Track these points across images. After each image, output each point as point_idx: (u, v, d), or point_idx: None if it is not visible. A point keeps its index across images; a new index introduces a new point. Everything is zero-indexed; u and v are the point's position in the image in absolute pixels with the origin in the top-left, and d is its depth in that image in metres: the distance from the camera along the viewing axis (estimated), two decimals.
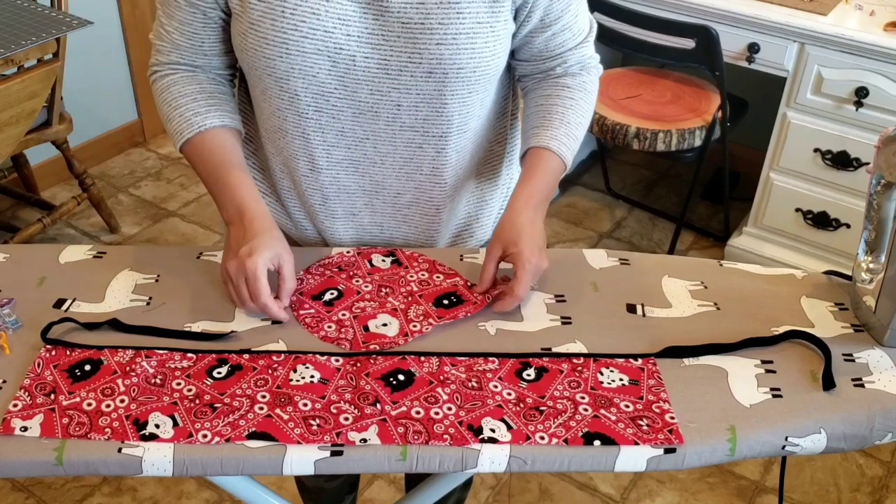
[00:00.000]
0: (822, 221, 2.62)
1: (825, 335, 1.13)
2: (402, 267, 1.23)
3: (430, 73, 1.11)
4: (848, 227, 2.57)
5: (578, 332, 1.13)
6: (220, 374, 1.03)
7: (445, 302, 1.16)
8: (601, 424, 0.99)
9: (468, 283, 1.20)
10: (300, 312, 1.14)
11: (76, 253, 1.24)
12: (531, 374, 1.05)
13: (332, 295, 1.17)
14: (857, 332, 1.15)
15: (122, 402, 0.99)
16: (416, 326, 1.12)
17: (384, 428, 0.97)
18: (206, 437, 0.95)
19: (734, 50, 2.51)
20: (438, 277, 1.21)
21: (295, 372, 1.04)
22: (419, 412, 0.99)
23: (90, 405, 0.99)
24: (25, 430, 0.95)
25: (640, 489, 2.13)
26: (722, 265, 1.28)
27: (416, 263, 1.23)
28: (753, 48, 2.47)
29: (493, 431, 0.97)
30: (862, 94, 2.35)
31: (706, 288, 1.22)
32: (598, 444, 0.97)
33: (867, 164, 2.24)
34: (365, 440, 0.96)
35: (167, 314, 1.13)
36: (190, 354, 1.06)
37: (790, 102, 2.50)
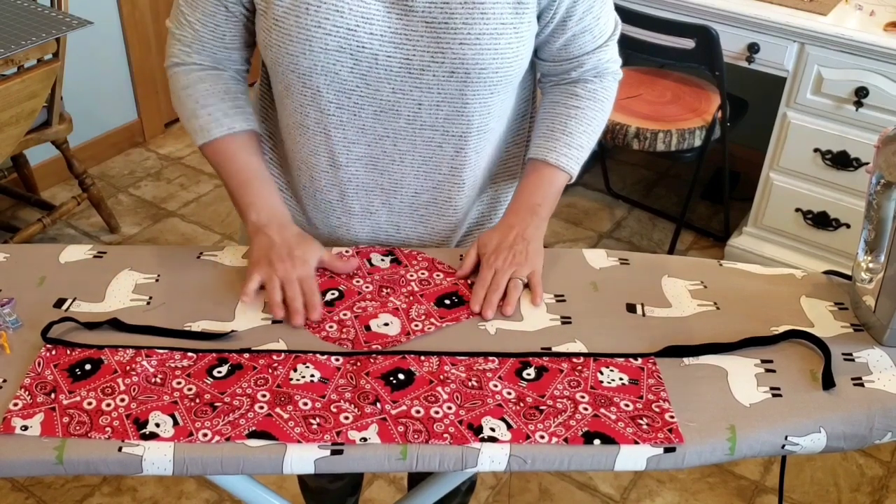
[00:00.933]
0: (821, 221, 2.62)
1: (825, 335, 1.13)
2: (401, 266, 1.23)
3: (452, 72, 1.11)
4: (848, 227, 2.57)
5: (578, 331, 1.13)
6: (220, 373, 1.03)
7: (447, 302, 1.16)
8: (601, 424, 0.99)
9: (469, 281, 1.20)
10: None
11: (76, 253, 1.24)
12: (531, 373, 1.05)
13: (333, 295, 1.17)
14: (856, 331, 1.15)
15: (122, 401, 0.99)
16: (417, 326, 1.12)
17: (384, 427, 0.97)
18: (206, 436, 0.95)
19: (734, 50, 2.51)
20: (438, 276, 1.21)
21: (295, 371, 1.04)
22: (419, 411, 0.99)
23: (90, 404, 0.99)
24: (26, 429, 0.96)
25: (640, 489, 2.13)
26: (722, 265, 1.28)
27: (415, 262, 1.23)
28: (753, 48, 2.48)
29: (493, 430, 0.97)
30: (862, 94, 2.35)
31: (706, 288, 1.22)
32: (597, 443, 0.97)
33: (867, 164, 2.24)
34: (365, 439, 0.96)
35: (167, 314, 1.13)
36: (190, 354, 1.06)
37: (790, 102, 2.50)
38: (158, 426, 0.96)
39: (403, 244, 1.31)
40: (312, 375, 1.04)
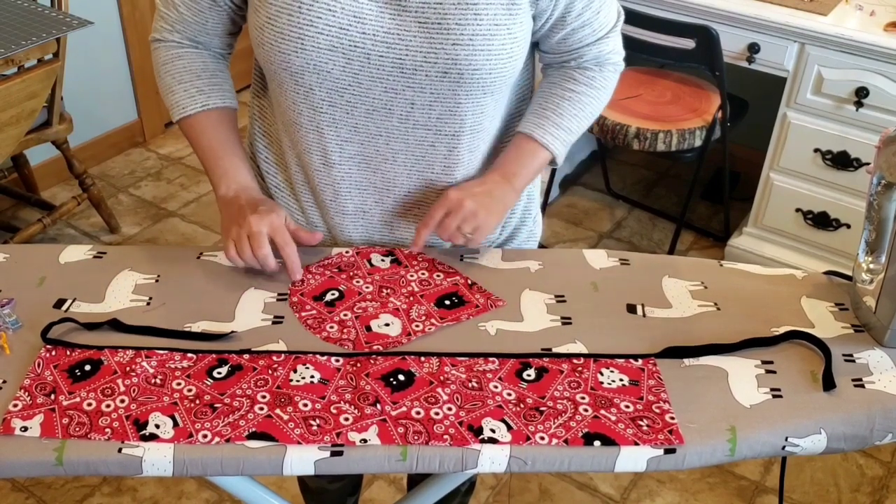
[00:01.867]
0: (822, 221, 2.62)
1: (825, 335, 1.13)
2: (401, 266, 1.23)
3: (445, 73, 1.12)
4: (848, 227, 2.57)
5: (578, 332, 1.13)
6: (220, 374, 1.03)
7: (447, 302, 1.16)
8: (601, 425, 0.99)
9: (468, 281, 1.20)
10: (302, 314, 1.14)
11: (76, 253, 1.24)
12: (531, 374, 1.05)
13: (333, 295, 1.17)
14: (857, 332, 1.15)
15: (122, 402, 0.99)
16: (418, 326, 1.12)
17: (384, 428, 0.97)
18: (206, 437, 0.95)
19: (734, 50, 2.50)
20: (438, 276, 1.21)
21: (295, 372, 1.04)
22: (419, 412, 0.99)
23: (90, 405, 0.99)
24: (25, 430, 0.95)
25: (640, 489, 2.13)
26: (722, 265, 1.28)
27: (415, 262, 1.23)
28: (753, 48, 2.47)
29: (493, 432, 0.97)
30: (862, 94, 2.35)
31: (706, 288, 1.22)
32: (598, 444, 0.97)
33: (867, 164, 2.24)
34: (365, 440, 0.96)
35: (167, 314, 1.13)
36: (190, 354, 1.06)
37: (790, 102, 2.50)
38: (158, 427, 0.96)
39: (398, 245, 1.31)
40: (312, 376, 1.03)
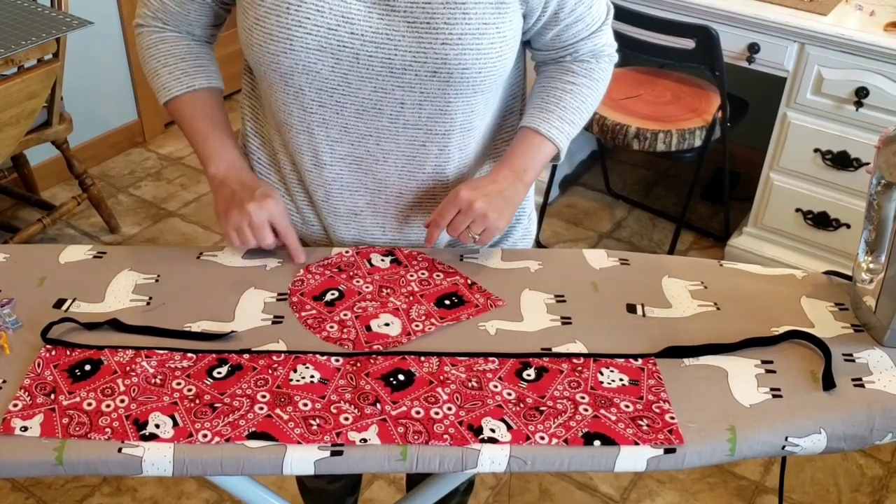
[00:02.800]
0: (822, 221, 2.62)
1: (825, 335, 1.13)
2: (401, 266, 1.23)
3: (434, 72, 1.12)
4: (848, 227, 2.57)
5: (578, 332, 1.13)
6: (220, 374, 1.03)
7: (447, 302, 1.16)
8: (601, 424, 0.99)
9: (468, 280, 1.20)
10: (302, 313, 1.14)
11: (76, 253, 1.24)
12: (531, 374, 1.05)
13: (333, 295, 1.17)
14: (857, 332, 1.15)
15: (122, 402, 0.99)
16: (418, 326, 1.12)
17: (384, 428, 0.97)
18: (206, 437, 0.95)
19: (734, 50, 2.50)
20: (438, 276, 1.21)
21: (295, 372, 1.04)
22: (419, 412, 0.99)
23: (90, 405, 0.99)
24: (25, 430, 0.95)
25: (640, 489, 2.13)
26: (722, 265, 1.28)
27: (415, 262, 1.23)
28: (753, 48, 2.47)
29: (493, 431, 0.97)
30: (862, 94, 2.35)
31: (706, 288, 1.22)
32: (598, 444, 0.97)
33: (867, 164, 2.24)
34: (365, 440, 0.96)
35: (167, 314, 1.13)
36: (190, 354, 1.06)
37: (790, 102, 2.50)
38: (158, 427, 0.96)
39: (391, 246, 1.31)
40: (312, 376, 1.03)
